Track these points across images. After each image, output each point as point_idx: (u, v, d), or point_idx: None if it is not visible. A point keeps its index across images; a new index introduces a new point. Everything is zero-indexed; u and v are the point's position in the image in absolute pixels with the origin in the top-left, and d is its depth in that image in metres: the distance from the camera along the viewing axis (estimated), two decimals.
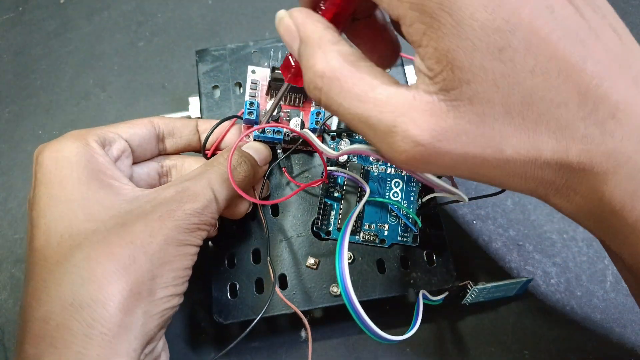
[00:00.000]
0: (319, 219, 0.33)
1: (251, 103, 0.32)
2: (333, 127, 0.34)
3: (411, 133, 0.17)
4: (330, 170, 0.33)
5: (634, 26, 0.46)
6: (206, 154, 0.32)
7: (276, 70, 0.32)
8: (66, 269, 0.22)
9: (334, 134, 0.34)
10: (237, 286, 0.31)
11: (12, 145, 0.41)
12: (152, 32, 0.46)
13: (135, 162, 0.30)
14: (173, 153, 0.32)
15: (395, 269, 0.32)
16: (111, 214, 0.24)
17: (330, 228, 0.33)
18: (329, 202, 0.33)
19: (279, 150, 0.33)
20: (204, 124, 0.32)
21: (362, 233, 0.33)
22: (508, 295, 0.35)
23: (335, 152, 0.28)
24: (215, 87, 0.36)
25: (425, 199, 0.32)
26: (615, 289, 0.36)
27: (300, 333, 0.34)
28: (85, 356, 0.20)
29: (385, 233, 0.33)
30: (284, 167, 0.34)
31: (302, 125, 0.33)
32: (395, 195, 0.33)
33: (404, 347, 0.34)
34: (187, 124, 0.32)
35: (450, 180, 0.28)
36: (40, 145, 0.26)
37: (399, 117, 0.17)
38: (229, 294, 0.31)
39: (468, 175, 0.19)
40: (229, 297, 0.31)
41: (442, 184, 0.24)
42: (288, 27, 0.21)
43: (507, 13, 0.16)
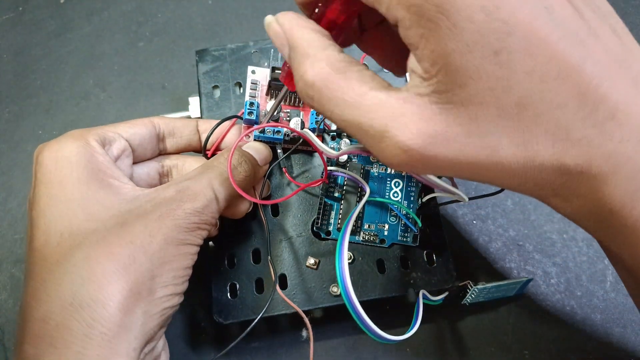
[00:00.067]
0: (319, 219, 0.33)
1: (251, 103, 0.32)
2: (333, 127, 0.34)
3: (402, 139, 0.17)
4: (330, 170, 0.33)
5: (634, 26, 0.46)
6: (207, 154, 0.32)
7: (276, 71, 0.32)
8: (66, 268, 0.22)
9: (334, 134, 0.34)
10: (237, 286, 0.31)
11: (12, 145, 0.41)
12: (152, 32, 0.46)
13: (135, 162, 0.30)
14: (173, 153, 0.32)
15: (395, 269, 0.32)
16: (111, 214, 0.24)
17: (330, 228, 0.33)
18: (329, 202, 0.33)
19: (279, 150, 0.33)
20: (204, 124, 0.32)
21: (362, 233, 0.33)
22: (508, 295, 0.35)
23: (335, 152, 0.28)
24: (215, 87, 0.36)
25: (425, 199, 0.32)
26: (615, 289, 0.36)
27: (301, 333, 0.34)
28: (85, 356, 0.20)
29: (385, 233, 0.33)
30: (284, 167, 0.34)
31: (302, 125, 0.33)
32: (395, 195, 0.33)
33: (404, 347, 0.34)
34: (187, 123, 0.32)
35: (450, 180, 0.28)
36: (40, 145, 0.26)
37: (390, 123, 0.17)
38: (229, 294, 0.31)
39: (463, 176, 0.19)
40: (229, 297, 0.31)
41: (442, 184, 0.24)
42: (276, 33, 0.20)
43: (505, 14, 0.16)
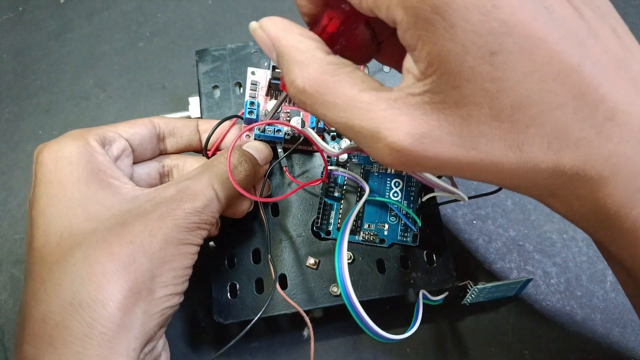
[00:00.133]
0: (319, 219, 0.33)
1: (252, 102, 0.31)
2: None
3: (393, 139, 0.17)
4: (331, 170, 0.33)
5: (634, 26, 0.46)
6: (207, 153, 0.32)
7: (276, 70, 0.32)
8: (65, 268, 0.22)
9: (335, 134, 0.34)
10: (237, 286, 0.31)
11: (12, 145, 0.41)
12: (152, 32, 0.46)
13: (135, 162, 0.29)
14: (174, 153, 0.32)
15: (395, 269, 0.32)
16: (111, 213, 0.24)
17: (330, 228, 0.33)
18: (329, 201, 0.33)
19: (279, 150, 0.33)
20: (204, 124, 0.32)
21: (362, 233, 0.33)
22: (508, 295, 0.35)
23: (335, 151, 0.28)
24: (215, 87, 0.36)
25: (425, 198, 0.32)
26: (615, 289, 0.36)
27: (302, 332, 0.34)
28: (85, 356, 0.20)
29: (385, 233, 0.33)
30: (285, 166, 0.34)
31: (303, 124, 0.33)
32: (395, 195, 0.33)
33: (404, 347, 0.34)
34: (187, 123, 0.32)
35: (450, 179, 0.28)
36: (40, 145, 0.26)
37: (381, 124, 0.17)
38: (229, 294, 0.31)
39: (458, 174, 0.19)
40: (229, 297, 0.31)
41: (441, 183, 0.24)
42: (262, 40, 0.20)
43: (504, 15, 0.15)
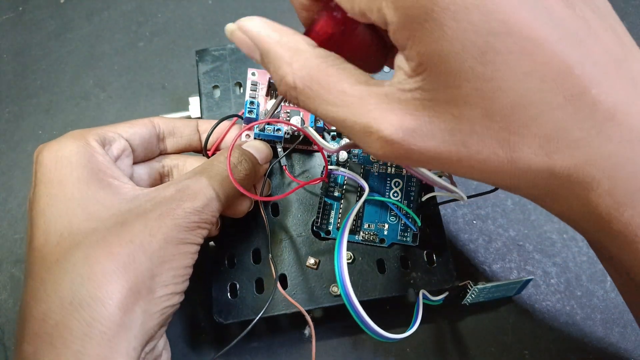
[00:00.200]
0: (318, 219, 0.33)
1: (252, 102, 0.31)
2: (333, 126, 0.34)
3: (384, 133, 0.17)
4: (331, 169, 0.33)
5: (633, 26, 0.46)
6: (207, 153, 0.32)
7: None
8: (65, 267, 0.22)
9: (335, 134, 0.34)
10: (237, 286, 0.31)
11: (12, 145, 0.41)
12: (152, 32, 0.46)
13: (136, 162, 0.29)
14: (174, 153, 0.32)
15: (395, 269, 0.32)
16: (111, 213, 0.24)
17: (330, 227, 0.33)
18: (329, 201, 0.33)
19: (279, 149, 0.33)
20: (204, 124, 0.32)
21: (361, 232, 0.33)
22: (508, 295, 0.35)
23: (334, 147, 0.28)
24: (216, 87, 0.36)
25: (424, 198, 0.32)
26: (615, 289, 0.36)
27: (302, 332, 0.34)
28: (85, 355, 0.20)
29: (385, 232, 0.33)
30: (285, 165, 0.34)
31: (302, 124, 0.33)
32: (395, 194, 0.33)
33: (404, 347, 0.34)
34: (187, 123, 0.32)
35: (449, 178, 0.28)
36: (40, 145, 0.26)
37: (372, 119, 0.18)
38: (229, 294, 0.31)
39: (449, 170, 0.19)
40: (229, 297, 0.31)
41: (440, 181, 0.24)
42: (241, 41, 0.20)
43: (503, 15, 0.15)
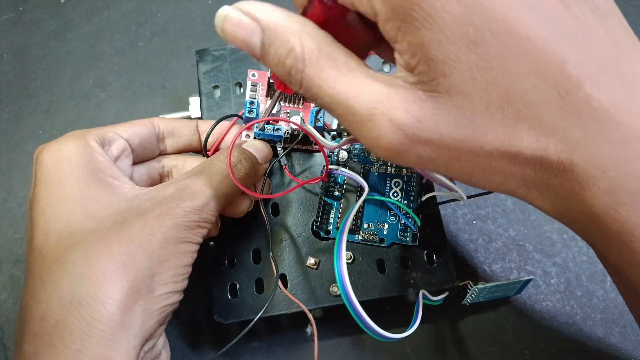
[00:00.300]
0: (318, 218, 0.33)
1: (251, 102, 0.32)
2: (333, 126, 0.34)
3: (390, 117, 0.17)
4: (331, 169, 0.33)
5: (634, 26, 0.46)
6: (207, 153, 0.32)
7: None
8: (65, 267, 0.22)
9: (335, 134, 0.34)
10: (237, 286, 0.31)
11: (12, 145, 0.41)
12: (152, 32, 0.46)
13: (135, 162, 0.30)
14: (174, 153, 0.32)
15: (395, 269, 0.32)
16: (110, 213, 0.24)
17: (330, 227, 0.33)
18: (329, 201, 0.33)
19: (279, 149, 0.33)
20: (204, 124, 0.32)
21: (361, 232, 0.33)
22: (508, 295, 0.35)
23: (334, 144, 0.28)
24: (216, 87, 0.36)
25: (424, 197, 0.32)
26: (615, 289, 0.36)
27: (303, 331, 0.34)
28: (85, 354, 0.20)
29: (385, 232, 0.33)
30: (284, 164, 0.34)
31: (302, 123, 0.33)
32: (395, 194, 0.33)
33: (404, 346, 0.34)
34: (187, 124, 0.32)
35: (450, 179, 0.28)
36: (40, 145, 0.26)
37: (379, 103, 0.17)
38: (229, 294, 0.31)
39: (446, 168, 0.18)
40: (229, 297, 0.31)
41: (439, 177, 0.23)
42: (239, 23, 0.18)
43: (488, 5, 0.15)
